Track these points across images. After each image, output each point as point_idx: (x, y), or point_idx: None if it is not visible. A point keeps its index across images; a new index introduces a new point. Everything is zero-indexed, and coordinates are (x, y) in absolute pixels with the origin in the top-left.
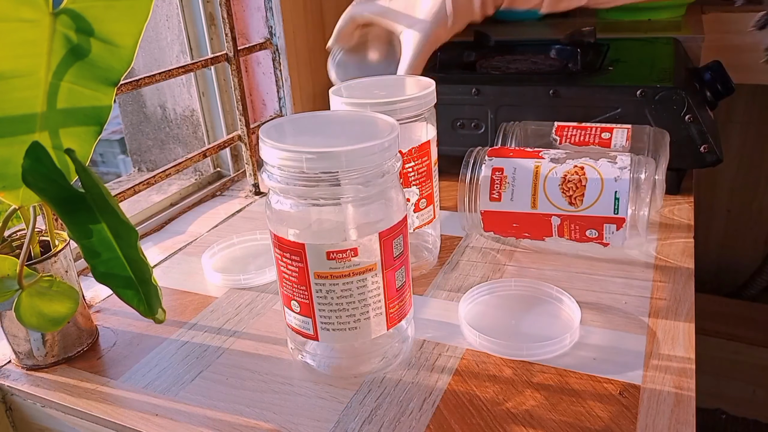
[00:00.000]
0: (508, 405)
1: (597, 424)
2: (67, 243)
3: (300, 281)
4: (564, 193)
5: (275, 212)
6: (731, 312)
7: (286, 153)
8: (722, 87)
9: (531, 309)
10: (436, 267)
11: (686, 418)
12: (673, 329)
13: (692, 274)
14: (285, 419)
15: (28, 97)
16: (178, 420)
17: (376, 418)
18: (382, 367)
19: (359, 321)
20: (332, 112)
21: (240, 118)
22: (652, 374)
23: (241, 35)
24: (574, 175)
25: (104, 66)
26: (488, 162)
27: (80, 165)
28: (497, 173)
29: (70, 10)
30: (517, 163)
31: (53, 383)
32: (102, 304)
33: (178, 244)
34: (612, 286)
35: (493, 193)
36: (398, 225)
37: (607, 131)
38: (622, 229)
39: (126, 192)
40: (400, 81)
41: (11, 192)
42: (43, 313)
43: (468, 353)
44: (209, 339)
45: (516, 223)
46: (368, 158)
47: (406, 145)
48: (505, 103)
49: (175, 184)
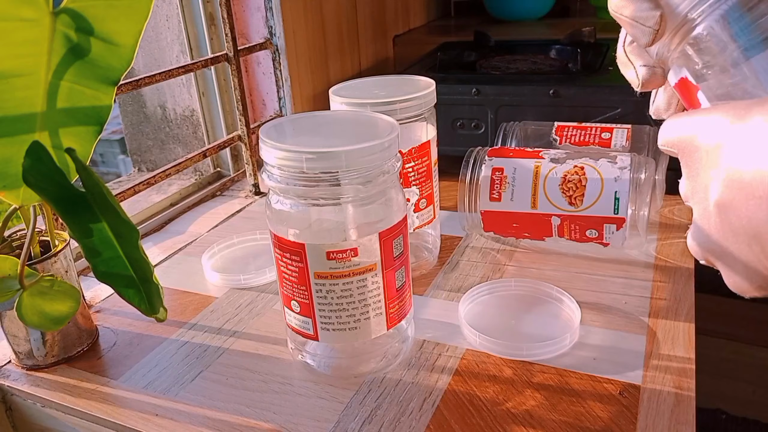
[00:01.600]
0: (508, 405)
1: (597, 424)
2: (67, 243)
3: (300, 281)
4: (564, 193)
5: (275, 212)
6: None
7: (286, 153)
8: None
9: (531, 309)
10: (436, 267)
11: (686, 418)
12: (673, 329)
13: (692, 274)
14: (285, 419)
15: (29, 96)
16: (178, 420)
17: (376, 418)
18: (382, 367)
19: (359, 321)
20: (332, 112)
21: (240, 118)
22: (652, 374)
23: (241, 35)
24: (574, 175)
25: (104, 65)
26: (488, 162)
27: (81, 164)
28: (497, 173)
29: (70, 9)
30: (517, 163)
31: (53, 383)
32: (102, 304)
33: (178, 244)
34: (612, 286)
35: (493, 193)
36: (398, 225)
37: (607, 131)
38: (622, 229)
39: (126, 192)
40: (400, 81)
41: (11, 191)
42: (44, 312)
43: (468, 353)
44: (209, 339)
45: (516, 223)
46: (368, 158)
47: (406, 145)
48: (505, 103)
49: (175, 184)
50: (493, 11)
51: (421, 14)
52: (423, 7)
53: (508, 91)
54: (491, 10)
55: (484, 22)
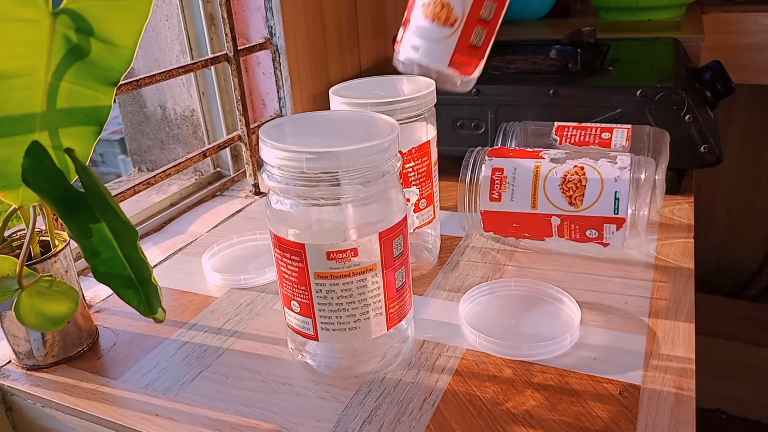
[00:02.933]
0: (508, 405)
1: (597, 424)
2: (67, 243)
3: (300, 281)
4: (564, 193)
5: (275, 212)
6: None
7: (286, 153)
8: (722, 87)
9: (531, 309)
10: (436, 267)
11: (686, 418)
12: (673, 329)
13: (692, 274)
14: (285, 419)
15: (28, 96)
16: (178, 420)
17: (376, 418)
18: (382, 367)
19: (359, 321)
20: (332, 112)
21: (240, 118)
22: (652, 374)
23: (241, 35)
24: (574, 175)
25: (104, 66)
26: (488, 162)
27: (80, 164)
28: (497, 173)
29: (70, 9)
30: (517, 163)
31: (53, 383)
32: (102, 304)
33: (178, 244)
34: (612, 286)
35: (493, 193)
36: (398, 225)
37: (607, 131)
38: (622, 230)
39: (126, 192)
40: (400, 81)
41: (11, 192)
42: (43, 312)
43: (468, 353)
44: (209, 339)
45: (516, 223)
46: (368, 158)
47: (406, 145)
48: (505, 103)
49: (175, 184)
50: None
51: None
52: None
53: (508, 91)
54: None
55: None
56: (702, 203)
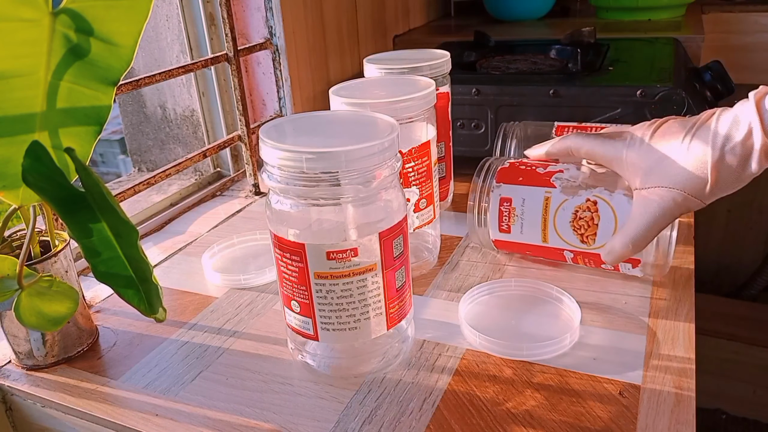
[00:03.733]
0: (508, 405)
1: (597, 424)
2: (67, 243)
3: (300, 281)
4: (575, 231)
5: (275, 212)
6: (731, 312)
7: (286, 153)
8: (722, 87)
9: (531, 309)
10: (436, 267)
11: (686, 418)
12: (673, 329)
13: (692, 274)
14: (285, 419)
15: (28, 96)
16: (178, 420)
17: (376, 418)
18: (382, 367)
19: (359, 321)
20: (332, 112)
21: (240, 118)
22: (652, 374)
23: (241, 35)
24: (586, 211)
25: (104, 66)
26: (496, 190)
27: (80, 164)
28: (505, 204)
29: (69, 9)
30: (526, 193)
31: (53, 383)
32: (102, 304)
33: (178, 244)
34: (612, 286)
35: (502, 225)
36: (398, 225)
37: None
38: (638, 267)
39: (126, 192)
40: (400, 81)
41: (11, 191)
42: (42, 312)
43: (468, 353)
44: (209, 339)
45: (529, 251)
46: (368, 158)
47: (406, 145)
48: (505, 103)
49: (175, 184)
50: (493, 11)
51: (421, 14)
52: (423, 7)
53: (508, 91)
54: (491, 10)
55: (484, 22)
56: None
